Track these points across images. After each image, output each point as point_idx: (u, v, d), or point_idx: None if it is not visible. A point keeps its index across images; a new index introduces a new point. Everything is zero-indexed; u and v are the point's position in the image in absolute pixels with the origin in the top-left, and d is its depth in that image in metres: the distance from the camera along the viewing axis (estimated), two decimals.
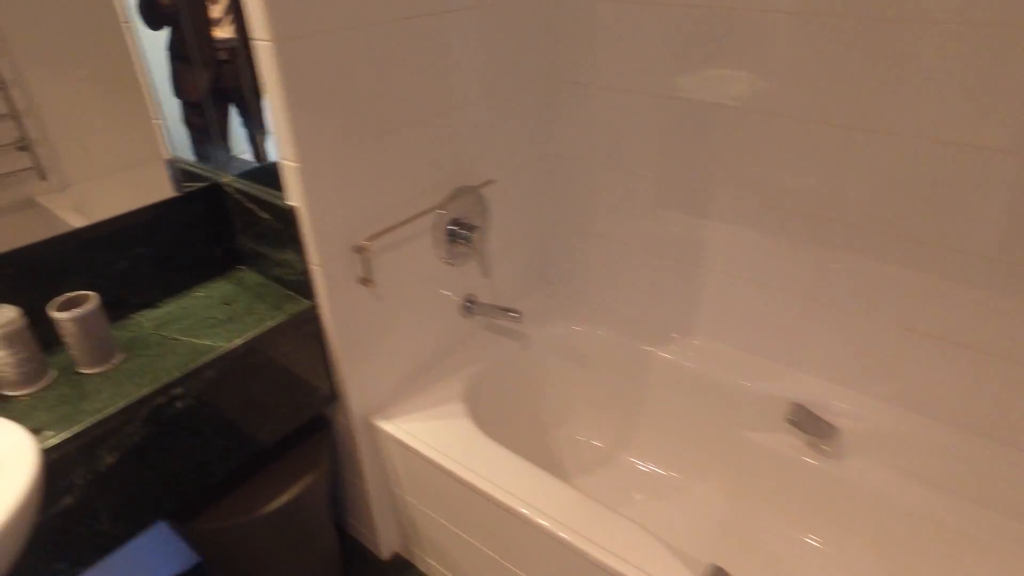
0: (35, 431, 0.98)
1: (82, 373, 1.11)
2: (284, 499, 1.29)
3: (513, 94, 1.54)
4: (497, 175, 1.59)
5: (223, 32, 1.24)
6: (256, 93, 1.14)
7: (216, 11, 1.23)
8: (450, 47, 1.33)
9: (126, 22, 1.23)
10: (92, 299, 1.09)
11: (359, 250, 1.27)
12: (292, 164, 1.13)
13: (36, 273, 1.14)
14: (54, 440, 0.98)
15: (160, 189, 1.30)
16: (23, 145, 1.10)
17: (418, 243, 1.41)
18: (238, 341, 1.17)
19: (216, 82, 1.29)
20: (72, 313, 1.06)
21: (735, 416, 1.58)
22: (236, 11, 1.15)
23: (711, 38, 1.33)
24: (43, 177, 1.14)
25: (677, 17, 1.36)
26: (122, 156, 1.24)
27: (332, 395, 1.39)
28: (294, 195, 1.17)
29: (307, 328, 1.28)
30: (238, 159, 1.34)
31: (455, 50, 1.34)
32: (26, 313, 1.05)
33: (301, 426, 1.46)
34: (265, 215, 1.26)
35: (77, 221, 1.19)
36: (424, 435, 1.37)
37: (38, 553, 1.01)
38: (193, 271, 1.36)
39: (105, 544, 1.09)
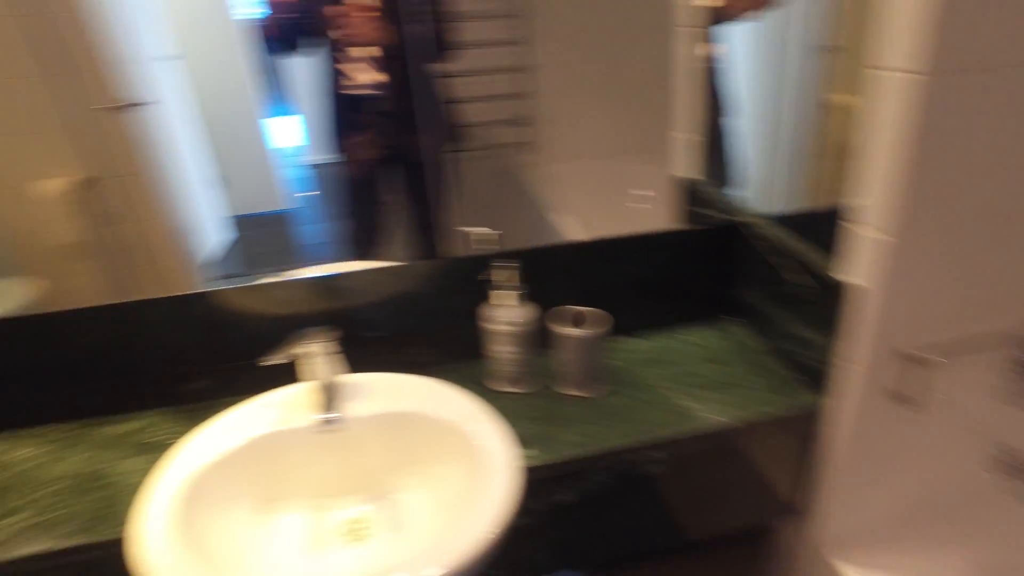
0: (522, 443, 0.94)
1: (563, 393, 1.04)
2: None
3: None
4: None
5: None
6: None
7: None
8: None
9: (685, 26, 1.12)
10: (604, 321, 1.00)
11: (914, 360, 0.96)
12: (880, 236, 0.87)
13: (530, 273, 1.10)
14: (535, 462, 0.91)
15: (633, 185, 1.27)
16: (520, 121, 1.15)
17: (974, 366, 1.03)
18: (729, 419, 0.98)
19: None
20: (584, 332, 0.98)
21: None
22: None
23: None
24: (530, 152, 1.17)
25: None
26: (605, 147, 1.23)
27: (790, 509, 1.12)
28: (862, 272, 0.90)
29: (802, 426, 1.03)
30: (756, 196, 1.14)
31: None
32: None
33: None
34: (799, 279, 1.03)
35: (548, 193, 1.22)
36: None
37: None
38: (677, 307, 1.22)
39: (531, 570, 1.02)
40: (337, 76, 1.07)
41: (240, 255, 1.23)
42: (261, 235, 1.25)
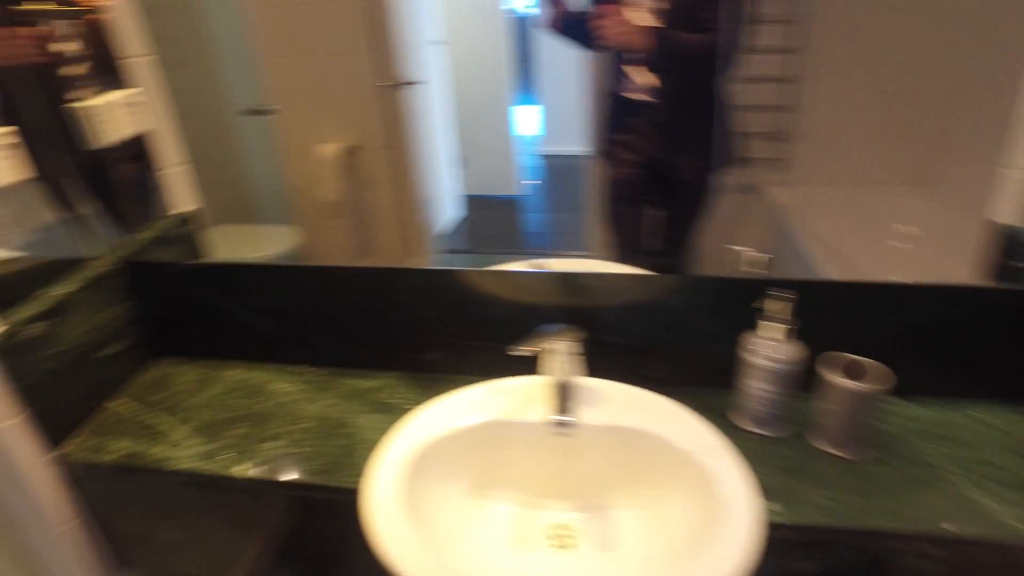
0: (764, 493, 0.83)
1: (818, 447, 0.91)
2: None
3: None
4: None
5: None
6: None
7: None
8: None
9: None
10: (886, 377, 0.85)
11: None
12: None
13: (798, 307, 0.94)
14: (777, 519, 0.80)
15: (897, 221, 1.09)
16: (779, 136, 1.05)
17: None
18: None
19: None
20: (861, 385, 0.84)
21: None
22: None
23: None
24: (781, 170, 1.07)
25: None
26: (870, 173, 1.09)
27: None
28: None
29: None
30: None
31: None
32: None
33: None
34: None
35: (801, 216, 1.10)
36: None
37: None
38: (972, 377, 1.00)
39: None
40: (619, 77, 1.04)
41: (467, 233, 1.27)
42: (488, 216, 1.28)
